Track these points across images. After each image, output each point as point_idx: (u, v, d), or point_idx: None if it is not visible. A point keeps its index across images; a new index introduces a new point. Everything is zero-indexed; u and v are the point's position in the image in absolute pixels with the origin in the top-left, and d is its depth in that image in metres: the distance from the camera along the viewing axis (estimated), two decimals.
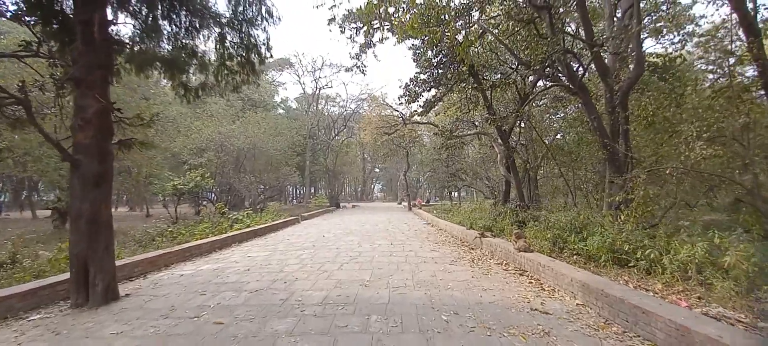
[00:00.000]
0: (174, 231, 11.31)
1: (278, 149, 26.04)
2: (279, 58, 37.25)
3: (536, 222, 10.13)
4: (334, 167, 39.67)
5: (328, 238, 10.70)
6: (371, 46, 15.02)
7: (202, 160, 21.01)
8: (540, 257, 5.91)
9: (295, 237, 11.19)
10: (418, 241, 10.00)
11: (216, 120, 23.66)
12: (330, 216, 22.78)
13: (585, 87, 9.33)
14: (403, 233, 11.92)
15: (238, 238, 10.50)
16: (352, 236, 10.97)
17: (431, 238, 10.80)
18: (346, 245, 9.14)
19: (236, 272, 6.12)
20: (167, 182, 17.88)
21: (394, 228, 13.90)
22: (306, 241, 10.13)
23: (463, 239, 10.00)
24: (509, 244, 7.29)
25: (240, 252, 8.44)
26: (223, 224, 12.72)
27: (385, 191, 72.40)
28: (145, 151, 6.72)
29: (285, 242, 10.12)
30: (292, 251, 8.22)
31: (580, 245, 6.60)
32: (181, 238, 10.23)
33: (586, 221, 7.84)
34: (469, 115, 15.73)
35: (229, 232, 11.10)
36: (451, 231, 12.16)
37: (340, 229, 13.57)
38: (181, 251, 7.66)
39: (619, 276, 5.14)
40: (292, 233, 12.47)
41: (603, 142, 9.21)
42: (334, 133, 40.77)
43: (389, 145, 26.01)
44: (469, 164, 26.50)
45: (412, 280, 5.40)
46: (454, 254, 7.66)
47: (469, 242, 9.43)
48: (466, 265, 6.55)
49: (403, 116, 20.33)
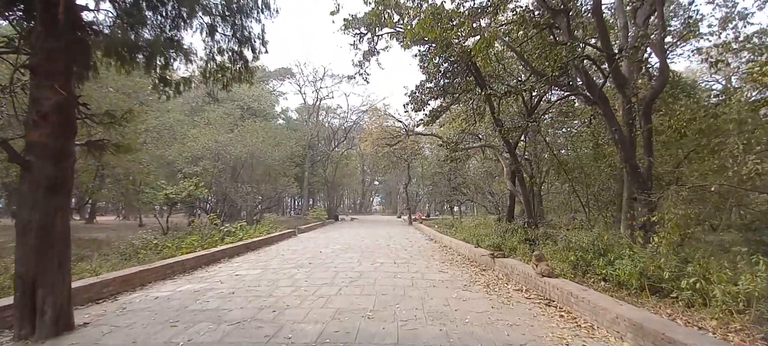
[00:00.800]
0: (160, 243, 10.53)
1: (276, 159, 25.34)
2: (280, 67, 36.92)
3: (551, 242, 9.39)
4: (334, 179, 38.93)
5: (325, 254, 9.91)
6: (375, 54, 14.49)
7: (197, 169, 20.31)
8: (568, 284, 5.15)
9: (290, 252, 10.39)
10: (423, 259, 9.21)
11: (214, 128, 23.00)
12: (328, 229, 21.95)
13: (605, 97, 8.69)
14: (406, 250, 11.13)
15: (229, 252, 9.71)
16: (351, 253, 10.18)
17: (437, 256, 10.02)
18: (344, 263, 8.35)
19: (219, 296, 5.33)
20: (160, 190, 17.14)
21: (396, 244, 13.11)
22: (301, 257, 9.34)
23: (472, 259, 9.23)
24: (527, 266, 6.53)
25: (228, 269, 7.65)
26: (214, 236, 11.95)
27: (384, 204, 71.50)
28: (123, 154, 6.01)
29: (279, 257, 9.33)
30: (286, 270, 7.43)
31: (608, 270, 5.86)
32: (167, 251, 9.45)
33: (610, 242, 7.10)
34: (475, 127, 15.10)
35: (219, 245, 10.32)
36: (457, 249, 11.38)
37: (339, 244, 12.78)
38: (161, 268, 6.88)
39: (659, 308, 4.40)
40: (288, 248, 11.67)
41: (625, 157, 8.53)
42: (334, 144, 40.15)
43: (390, 158, 25.34)
44: (471, 178, 25.81)
45: (422, 310, 4.62)
46: (465, 277, 6.88)
47: (479, 262, 8.66)
48: (480, 290, 5.78)
49: (406, 127, 19.70)
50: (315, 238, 15.54)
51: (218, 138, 21.86)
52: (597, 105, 8.69)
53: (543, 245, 9.32)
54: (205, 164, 20.83)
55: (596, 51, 9.23)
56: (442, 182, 28.36)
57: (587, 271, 6.50)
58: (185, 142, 21.91)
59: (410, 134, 19.89)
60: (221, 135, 22.18)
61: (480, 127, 16.15)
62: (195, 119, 25.07)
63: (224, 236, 12.11)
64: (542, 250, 8.76)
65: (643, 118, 8.90)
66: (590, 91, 8.78)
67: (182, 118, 25.79)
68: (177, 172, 20.93)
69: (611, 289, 5.50)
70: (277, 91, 38.70)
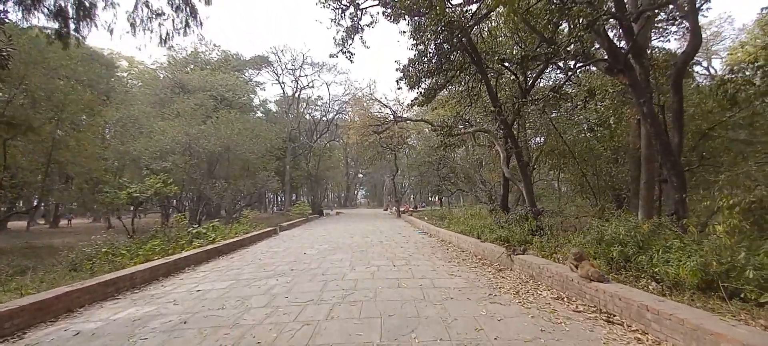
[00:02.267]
0: (118, 250, 8.93)
1: (255, 153, 23.61)
2: (256, 55, 34.82)
3: (562, 232, 8.29)
4: (317, 172, 37.27)
5: (310, 257, 8.51)
6: (359, 31, 12.99)
7: (166, 165, 18.50)
8: (630, 291, 3.95)
9: (269, 256, 8.94)
10: (426, 258, 7.93)
11: (184, 120, 21.09)
12: (312, 225, 20.48)
13: (631, 64, 7.52)
14: (402, 248, 9.83)
15: (195, 259, 8.19)
16: (340, 254, 8.81)
17: (439, 254, 8.77)
18: (334, 268, 6.98)
19: (164, 328, 3.89)
20: (123, 189, 15.31)
21: (389, 240, 11.81)
22: (282, 262, 7.91)
23: (481, 255, 8.01)
24: (560, 267, 5.32)
25: (190, 282, 6.18)
26: (181, 239, 10.39)
27: (369, 197, 70.15)
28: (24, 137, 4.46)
29: (255, 263, 7.88)
30: (261, 281, 6.01)
31: (662, 267, 4.71)
32: (122, 260, 7.90)
33: (647, 232, 5.97)
34: (470, 110, 13.86)
35: (184, 251, 8.79)
36: (458, 243, 10.17)
37: (326, 242, 11.38)
38: (100, 286, 5.35)
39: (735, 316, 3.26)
40: (267, 250, 10.22)
41: (655, 132, 7.42)
42: (316, 136, 38.43)
43: (376, 147, 23.95)
44: (462, 167, 24.70)
45: (449, 341, 3.32)
46: (484, 281, 5.63)
47: (489, 260, 7.45)
48: (512, 302, 4.52)
49: (394, 113, 18.31)
50: (298, 236, 14.09)
51: (189, 131, 20.02)
52: (621, 74, 7.51)
53: (554, 236, 8.21)
54: (175, 159, 19.02)
55: None
56: (430, 172, 27.20)
57: (625, 267, 5.39)
58: (152, 136, 19.98)
59: (398, 121, 18.51)
60: (192, 127, 20.31)
61: (473, 111, 14.98)
62: (163, 111, 23.02)
63: (193, 239, 10.56)
64: (552, 242, 7.62)
65: (673, 88, 7.81)
66: (613, 58, 7.61)
67: (148, 110, 23.70)
68: (144, 168, 19.04)
69: (662, 291, 4.39)
70: (254, 81, 36.61)
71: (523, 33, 11.87)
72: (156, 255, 8.30)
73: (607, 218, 8.10)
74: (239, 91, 28.08)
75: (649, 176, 9.04)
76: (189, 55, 32.15)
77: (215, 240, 10.79)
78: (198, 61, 32.14)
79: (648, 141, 9.33)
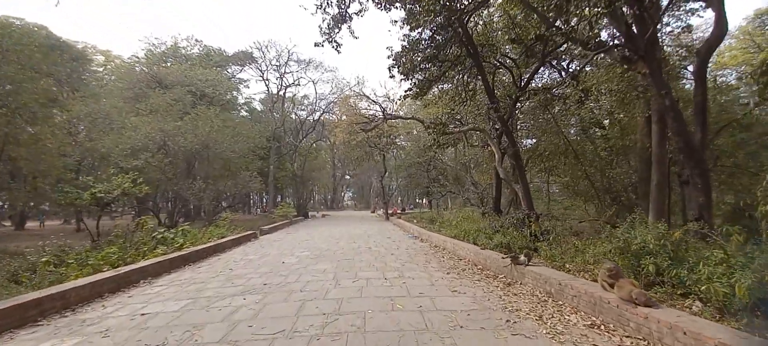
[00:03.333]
0: (62, 258, 7.72)
1: (235, 152, 22.34)
2: (239, 51, 33.48)
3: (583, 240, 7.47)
4: (302, 173, 36.03)
5: (289, 266, 7.46)
6: (347, 21, 11.96)
7: (137, 163, 17.17)
8: (694, 322, 3.06)
9: (241, 265, 7.86)
10: (421, 269, 6.98)
11: (159, 116, 19.71)
12: (296, 228, 19.34)
13: (652, 52, 6.74)
14: (393, 255, 8.86)
15: (154, 270, 7.05)
16: (324, 263, 7.78)
17: (435, 262, 7.83)
18: (315, 282, 5.95)
19: None
20: (88, 188, 13.95)
21: (379, 245, 10.83)
22: (255, 273, 6.85)
23: (482, 265, 7.11)
24: (587, 284, 4.45)
25: (138, 302, 5.08)
26: (144, 245, 9.21)
27: (356, 199, 68.97)
28: None
29: (224, 275, 6.79)
30: (226, 300, 4.95)
31: (712, 285, 3.86)
32: (67, 271, 6.73)
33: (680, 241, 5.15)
34: (465, 108, 13.00)
35: (144, 260, 7.64)
36: (454, 250, 9.26)
37: (308, 249, 10.34)
38: (17, 309, 4.22)
39: None
40: (242, 257, 9.12)
41: (676, 129, 6.65)
42: (302, 136, 37.20)
43: (364, 147, 22.96)
44: (452, 168, 23.91)
45: None
46: (495, 300, 4.70)
47: (492, 270, 6.55)
48: (537, 330, 3.59)
49: (384, 110, 17.35)
50: (279, 241, 12.98)
51: (164, 127, 18.68)
52: (640, 62, 6.71)
53: (559, 243, 7.40)
54: (148, 157, 17.68)
55: None
56: (419, 174, 26.34)
57: (657, 283, 4.58)
58: (124, 132, 18.57)
59: (388, 118, 17.55)
60: (168, 124, 18.97)
61: (466, 111, 14.14)
62: (138, 107, 21.55)
63: (157, 245, 9.38)
64: (558, 249, 6.78)
65: (696, 79, 7.07)
66: (631, 45, 6.81)
67: (121, 105, 22.19)
68: (114, 166, 17.64)
69: (711, 315, 3.56)
70: (237, 78, 35.19)
71: (520, 29, 11.18)
72: (108, 265, 7.15)
73: (616, 224, 7.35)
74: (220, 87, 26.72)
75: (661, 177, 8.31)
76: (168, 49, 30.63)
77: (183, 246, 9.63)
78: (178, 56, 30.64)
79: (660, 139, 8.61)
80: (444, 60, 10.21)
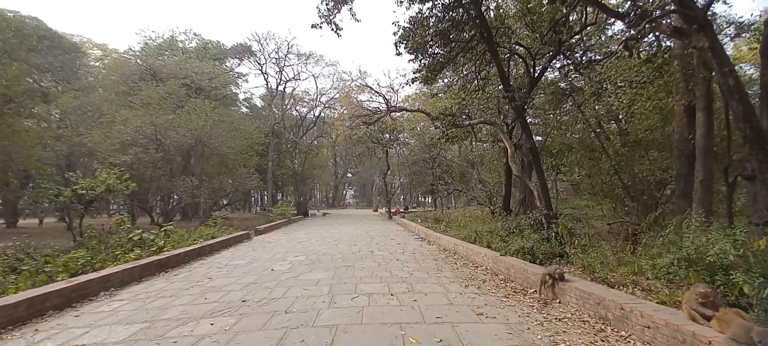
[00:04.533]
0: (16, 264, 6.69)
1: (232, 148, 21.31)
2: (237, 43, 32.42)
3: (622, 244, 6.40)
4: (303, 171, 34.98)
5: (277, 276, 6.40)
6: (347, 2, 10.89)
7: (126, 159, 16.19)
8: None
9: (224, 273, 6.81)
10: (433, 279, 5.91)
11: (151, 109, 18.68)
12: (294, 228, 18.28)
13: (710, 22, 5.63)
14: (399, 261, 7.80)
15: (121, 279, 6.00)
16: (319, 271, 6.72)
17: (448, 270, 6.75)
18: (305, 299, 4.88)
19: None
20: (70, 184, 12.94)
21: (382, 249, 9.76)
22: (237, 284, 5.79)
23: (505, 275, 6.02)
24: (655, 307, 3.37)
25: (81, 324, 4.04)
26: (117, 249, 8.19)
27: (358, 197, 67.94)
28: None
29: (200, 286, 5.74)
30: (188, 325, 3.89)
31: None
32: (18, 279, 5.71)
33: None
34: (475, 99, 11.89)
35: (112, 266, 6.60)
36: (467, 254, 8.18)
37: (303, 252, 9.28)
38: None
39: None
40: (228, 262, 8.08)
41: (743, 114, 5.52)
42: (303, 132, 36.13)
43: (366, 143, 21.85)
44: (458, 165, 22.79)
45: None
46: (536, 329, 3.61)
47: (521, 283, 5.46)
48: None
49: (387, 101, 16.23)
50: (273, 242, 11.93)
51: (156, 121, 17.66)
52: (700, 33, 5.58)
53: (595, 247, 6.30)
54: (138, 152, 16.69)
55: None
56: (423, 171, 25.26)
57: (742, 305, 3.51)
58: (113, 126, 17.56)
59: (392, 110, 16.44)
60: (160, 117, 17.95)
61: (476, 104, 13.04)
62: (130, 100, 20.54)
63: (134, 247, 8.34)
64: (594, 256, 5.67)
65: (763, 57, 5.94)
66: (686, 15, 5.68)
67: (112, 98, 21.19)
68: (102, 161, 16.66)
69: None
70: (236, 72, 34.13)
71: (535, 15, 10.15)
72: (68, 273, 6.12)
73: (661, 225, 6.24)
74: (217, 81, 25.65)
75: (707, 174, 7.23)
76: (165, 42, 29.58)
77: (163, 249, 8.60)
78: (175, 49, 29.62)
79: (706, 129, 7.52)
80: (456, 41, 9.12)
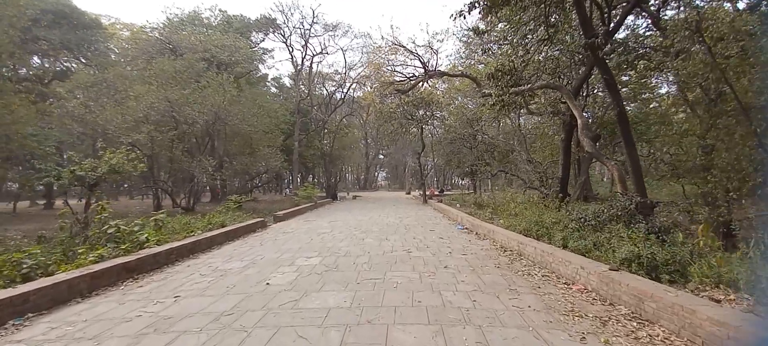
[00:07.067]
0: None
1: (254, 126, 19.68)
2: (261, 16, 30.61)
3: None
4: (331, 151, 33.17)
5: (269, 296, 4.32)
6: None
7: (138, 137, 14.92)
8: None
9: (203, 286, 4.83)
10: (514, 312, 3.62)
11: (165, 84, 17.21)
12: (318, 214, 16.40)
13: None
14: (447, 269, 5.54)
15: (40, 298, 4.11)
16: (331, 293, 4.57)
17: (527, 293, 4.40)
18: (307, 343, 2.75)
19: None
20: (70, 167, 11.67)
21: (422, 248, 7.51)
22: (206, 311, 3.76)
23: (622, 301, 3.62)
24: None
25: None
26: (82, 245, 6.50)
27: (390, 179, 65.91)
28: None
29: (150, 314, 3.76)
30: None
31: None
32: None
33: None
34: (546, 47, 9.21)
35: (63, 272, 4.80)
36: (542, 259, 5.77)
37: (319, 250, 7.23)
38: None
39: None
40: (221, 264, 6.16)
41: None
42: (332, 109, 34.19)
43: (399, 119, 19.44)
44: (504, 142, 19.96)
45: None
46: None
47: (653, 318, 3.05)
48: None
49: (425, 64, 13.70)
50: (290, 233, 10.00)
51: (170, 96, 16.18)
52: None
53: None
54: (150, 130, 15.30)
55: None
56: (462, 150, 22.59)
57: None
58: (127, 103, 16.25)
59: (431, 76, 13.88)
60: (174, 92, 16.44)
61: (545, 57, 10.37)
62: (145, 75, 19.23)
63: (107, 242, 6.60)
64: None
65: None
66: None
67: (127, 73, 19.99)
68: (112, 141, 15.45)
69: None
70: (260, 48, 32.48)
71: None
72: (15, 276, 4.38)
73: None
74: (238, 55, 23.98)
75: None
76: (187, 17, 28.26)
77: (146, 245, 6.81)
78: (198, 24, 28.27)
79: None
80: None
